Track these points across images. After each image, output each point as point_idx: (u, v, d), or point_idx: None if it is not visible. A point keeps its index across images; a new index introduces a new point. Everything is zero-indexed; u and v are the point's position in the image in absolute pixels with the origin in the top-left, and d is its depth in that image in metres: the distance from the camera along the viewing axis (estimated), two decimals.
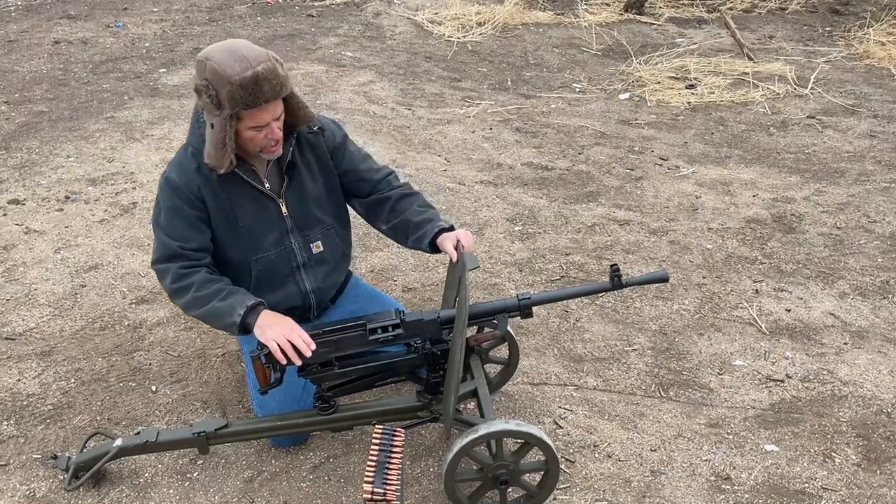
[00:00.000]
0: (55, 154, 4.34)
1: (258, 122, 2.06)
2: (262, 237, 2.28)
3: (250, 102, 1.99)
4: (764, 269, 3.49)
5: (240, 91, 1.97)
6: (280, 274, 2.34)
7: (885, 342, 3.00)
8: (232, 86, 1.96)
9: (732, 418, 2.60)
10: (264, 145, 2.13)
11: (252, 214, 2.25)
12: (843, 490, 2.32)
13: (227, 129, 2.03)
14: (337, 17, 7.32)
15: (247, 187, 2.23)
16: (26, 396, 2.60)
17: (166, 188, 2.19)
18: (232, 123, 2.03)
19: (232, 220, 2.24)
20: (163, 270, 2.21)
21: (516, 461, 2.10)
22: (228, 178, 2.19)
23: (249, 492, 2.26)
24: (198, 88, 2.03)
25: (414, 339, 2.22)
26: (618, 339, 2.98)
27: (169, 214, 2.20)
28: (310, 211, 2.34)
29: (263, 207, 2.27)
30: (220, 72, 1.97)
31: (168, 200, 2.19)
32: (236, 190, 2.22)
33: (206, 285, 2.16)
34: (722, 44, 6.95)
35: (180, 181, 2.17)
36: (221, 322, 2.14)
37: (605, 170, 4.49)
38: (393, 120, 5.05)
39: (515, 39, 7.00)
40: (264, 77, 1.98)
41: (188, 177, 2.17)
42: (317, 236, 2.37)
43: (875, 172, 4.53)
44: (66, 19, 7.02)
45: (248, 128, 2.07)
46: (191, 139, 2.21)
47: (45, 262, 3.35)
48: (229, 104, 1.99)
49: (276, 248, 2.31)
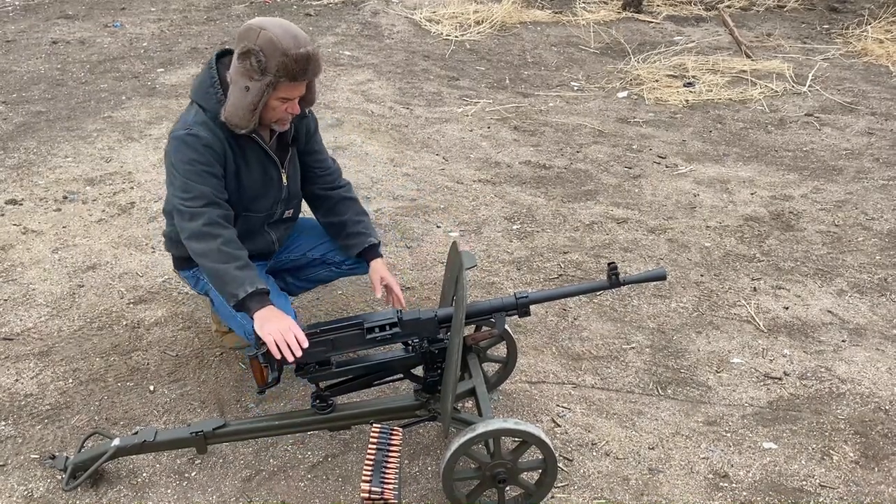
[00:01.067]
0: (53, 154, 4.33)
1: (289, 95, 2.21)
2: (258, 199, 2.43)
3: (297, 76, 2.15)
4: (762, 267, 3.49)
5: (293, 64, 2.12)
6: (255, 229, 2.50)
7: (882, 339, 3.01)
8: (287, 57, 2.11)
9: (730, 416, 2.60)
10: (282, 117, 2.28)
11: (257, 178, 2.40)
12: (841, 487, 2.32)
13: (263, 95, 2.17)
14: (335, 15, 7.32)
15: (259, 153, 2.37)
16: (24, 396, 2.60)
17: (196, 144, 2.24)
18: (270, 91, 2.16)
19: (239, 179, 2.37)
20: (198, 213, 2.23)
21: (514, 460, 2.10)
22: (245, 142, 2.33)
23: (247, 491, 2.26)
24: (246, 51, 2.13)
25: (412, 338, 2.22)
26: (616, 338, 2.98)
27: (200, 167, 2.25)
28: (298, 183, 2.56)
29: (268, 174, 2.42)
30: (276, 42, 2.11)
31: (199, 156, 2.25)
32: (250, 154, 2.36)
33: (232, 245, 2.24)
34: (720, 42, 6.95)
35: (211, 140, 2.26)
36: (225, 287, 2.19)
37: (603, 168, 4.49)
38: (391, 119, 5.05)
39: (513, 38, 7.00)
40: (314, 58, 2.17)
41: (215, 136, 2.27)
42: (292, 205, 2.59)
43: (873, 170, 4.53)
44: (63, 19, 7.02)
45: (277, 97, 2.20)
46: (206, 102, 2.28)
47: (42, 263, 3.35)
48: (275, 73, 2.13)
49: (264, 212, 2.47)
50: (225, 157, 2.31)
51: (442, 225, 3.75)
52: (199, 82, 2.31)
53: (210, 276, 2.25)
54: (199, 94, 2.30)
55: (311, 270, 2.76)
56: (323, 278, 2.79)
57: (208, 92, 2.27)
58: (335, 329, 2.17)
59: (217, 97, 2.25)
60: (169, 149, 2.30)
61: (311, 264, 2.74)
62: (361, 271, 2.71)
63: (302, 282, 2.80)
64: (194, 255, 2.25)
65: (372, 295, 3.16)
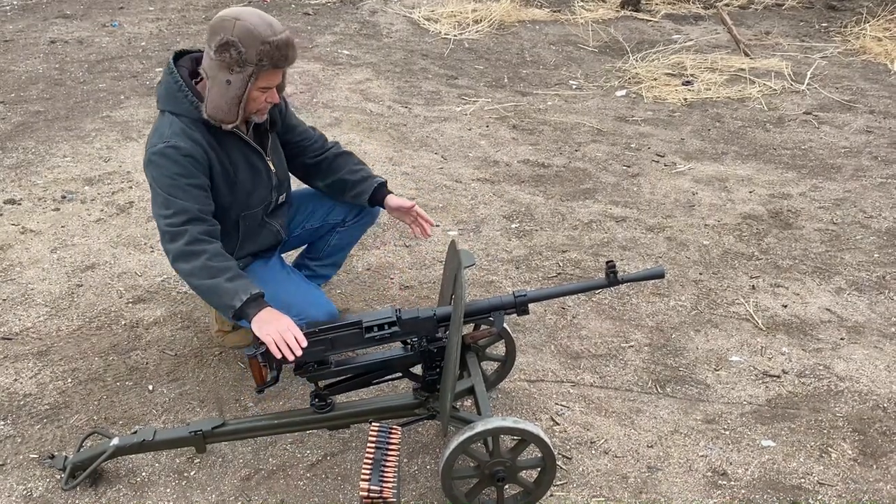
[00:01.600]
0: (51, 154, 4.33)
1: (269, 84, 2.18)
2: (252, 193, 2.40)
3: (279, 63, 2.13)
4: (760, 265, 3.50)
5: (275, 51, 2.10)
6: (257, 225, 2.49)
7: (881, 337, 3.01)
8: (267, 45, 2.09)
9: (729, 414, 2.61)
10: (261, 107, 2.25)
11: (245, 172, 2.36)
12: (840, 485, 2.32)
13: (246, 86, 2.14)
14: (333, 14, 7.31)
15: (241, 147, 2.34)
16: (23, 396, 2.60)
17: (176, 157, 2.18)
18: (252, 81, 2.13)
19: (231, 178, 2.34)
20: (179, 232, 2.18)
21: (513, 458, 2.11)
22: (225, 139, 2.29)
23: (246, 490, 2.26)
24: (224, 43, 2.09)
25: (410, 337, 2.23)
26: (614, 336, 2.99)
27: (182, 181, 2.20)
28: (284, 168, 2.54)
29: (254, 166, 2.38)
30: (253, 31, 2.08)
31: (181, 168, 2.19)
32: (233, 150, 2.32)
33: (219, 258, 2.19)
34: (718, 40, 6.95)
35: (191, 149, 2.20)
36: (219, 301, 2.17)
37: (602, 167, 4.49)
38: (389, 118, 5.05)
39: (512, 37, 7.00)
40: (292, 43, 2.16)
41: (196, 144, 2.22)
42: (284, 189, 2.56)
43: (871, 168, 4.53)
44: (61, 18, 7.01)
45: (258, 87, 2.17)
46: (178, 108, 2.22)
47: (41, 262, 3.35)
48: (256, 63, 2.10)
49: (261, 205, 2.45)
50: (210, 163, 2.25)
51: (440, 224, 3.75)
52: (165, 90, 2.25)
53: (203, 294, 2.22)
54: (168, 102, 2.24)
55: (322, 243, 2.75)
56: (338, 245, 2.76)
57: (177, 97, 2.22)
58: (334, 328, 2.17)
59: (189, 99, 2.20)
60: (148, 166, 2.23)
61: (319, 235, 2.72)
62: (369, 219, 2.72)
63: (325, 261, 2.78)
64: (183, 276, 2.21)
65: (371, 293, 3.16)
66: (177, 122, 2.22)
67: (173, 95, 2.23)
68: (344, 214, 2.68)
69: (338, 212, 2.68)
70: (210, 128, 2.24)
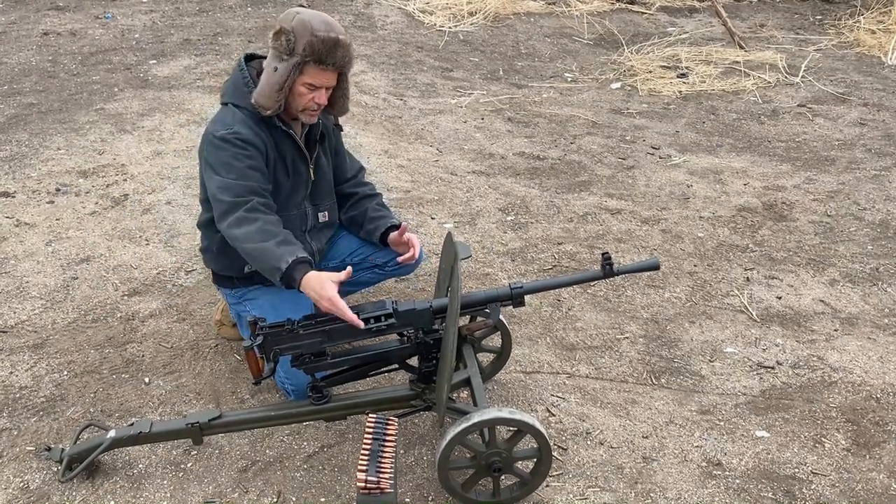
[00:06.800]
0: (45, 146, 4.31)
1: (314, 81, 2.24)
2: (291, 195, 2.46)
3: (322, 58, 2.19)
4: (755, 257, 3.51)
5: (319, 45, 2.17)
6: (294, 235, 2.45)
7: (874, 328, 3.03)
8: (314, 37, 2.16)
9: (723, 405, 2.62)
10: (308, 106, 2.30)
11: (289, 172, 2.43)
12: (833, 475, 2.34)
13: (289, 75, 2.21)
14: (328, 7, 7.28)
15: (291, 147, 2.41)
16: (19, 389, 2.60)
17: (238, 142, 2.26)
18: (295, 72, 2.21)
19: (278, 173, 2.40)
20: (239, 203, 2.24)
21: (509, 449, 2.11)
22: (279, 137, 2.37)
23: (243, 482, 2.27)
24: (279, 31, 2.20)
25: (407, 329, 2.23)
26: (610, 328, 3.00)
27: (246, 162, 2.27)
28: (327, 182, 2.58)
29: (297, 168, 2.45)
30: (306, 23, 2.18)
31: (244, 151, 2.27)
32: (284, 147, 2.39)
33: (273, 224, 2.26)
34: (713, 33, 6.95)
35: (252, 138, 2.29)
36: (268, 262, 2.20)
37: (597, 159, 4.50)
38: (384, 110, 5.04)
39: (507, 29, 6.99)
40: (342, 44, 2.22)
41: (256, 133, 2.30)
42: (325, 206, 2.59)
43: (865, 160, 4.55)
44: (54, 10, 6.97)
45: (304, 83, 2.24)
46: (242, 101, 2.32)
47: (36, 255, 3.34)
48: (302, 53, 2.17)
49: (296, 210, 2.49)
50: (266, 154, 2.33)
51: (436, 216, 3.75)
52: (232, 84, 2.35)
53: (251, 258, 2.25)
54: (234, 96, 2.34)
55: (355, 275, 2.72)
56: (366, 281, 2.79)
57: (242, 91, 2.31)
58: (331, 320, 2.18)
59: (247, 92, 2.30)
60: (208, 148, 2.30)
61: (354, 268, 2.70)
62: (405, 270, 2.74)
63: (347, 286, 2.78)
64: (234, 241, 2.25)
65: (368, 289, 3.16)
66: (239, 113, 2.31)
67: (240, 90, 2.32)
68: (387, 258, 2.67)
69: (382, 255, 2.68)
70: (267, 124, 2.33)
